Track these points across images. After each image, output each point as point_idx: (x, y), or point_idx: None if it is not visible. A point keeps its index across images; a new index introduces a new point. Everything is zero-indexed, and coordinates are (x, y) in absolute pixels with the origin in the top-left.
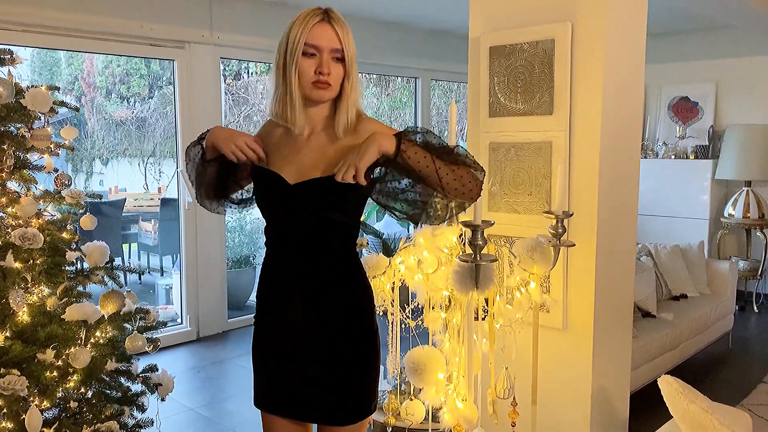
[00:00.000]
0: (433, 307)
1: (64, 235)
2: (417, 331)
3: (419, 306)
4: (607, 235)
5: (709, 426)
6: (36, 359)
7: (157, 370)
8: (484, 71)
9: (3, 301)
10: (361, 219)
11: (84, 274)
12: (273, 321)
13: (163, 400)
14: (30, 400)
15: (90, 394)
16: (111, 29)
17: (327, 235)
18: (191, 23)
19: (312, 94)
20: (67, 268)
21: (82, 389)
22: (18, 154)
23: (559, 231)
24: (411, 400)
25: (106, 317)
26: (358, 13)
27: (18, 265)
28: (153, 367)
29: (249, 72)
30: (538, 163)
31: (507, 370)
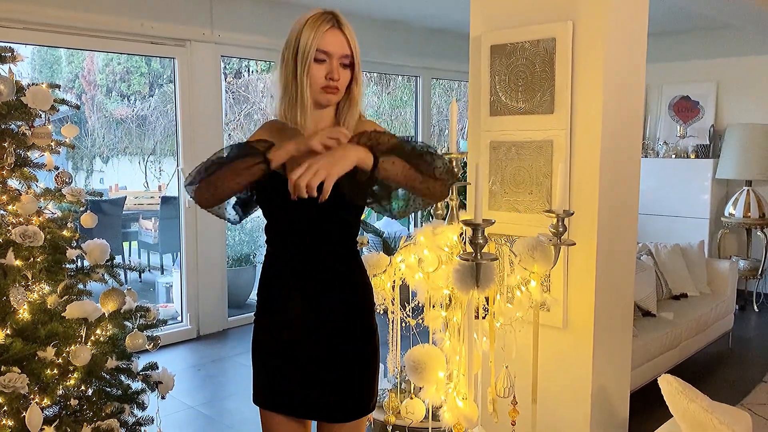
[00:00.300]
0: (433, 306)
1: (65, 232)
2: (417, 329)
3: (420, 304)
4: (608, 234)
5: (709, 425)
6: (36, 357)
7: (158, 368)
8: (485, 70)
9: (3, 298)
10: (362, 218)
11: (84, 272)
12: (273, 320)
13: (163, 398)
14: (30, 397)
15: (90, 392)
16: (112, 27)
17: (327, 235)
18: (192, 21)
19: (321, 98)
20: (67, 265)
21: (83, 387)
22: (19, 152)
23: (560, 230)
24: (411, 398)
25: (107, 315)
26: (359, 11)
27: (18, 262)
28: (153, 365)
29: (249, 70)
30: (538, 162)
31: (507, 369)
